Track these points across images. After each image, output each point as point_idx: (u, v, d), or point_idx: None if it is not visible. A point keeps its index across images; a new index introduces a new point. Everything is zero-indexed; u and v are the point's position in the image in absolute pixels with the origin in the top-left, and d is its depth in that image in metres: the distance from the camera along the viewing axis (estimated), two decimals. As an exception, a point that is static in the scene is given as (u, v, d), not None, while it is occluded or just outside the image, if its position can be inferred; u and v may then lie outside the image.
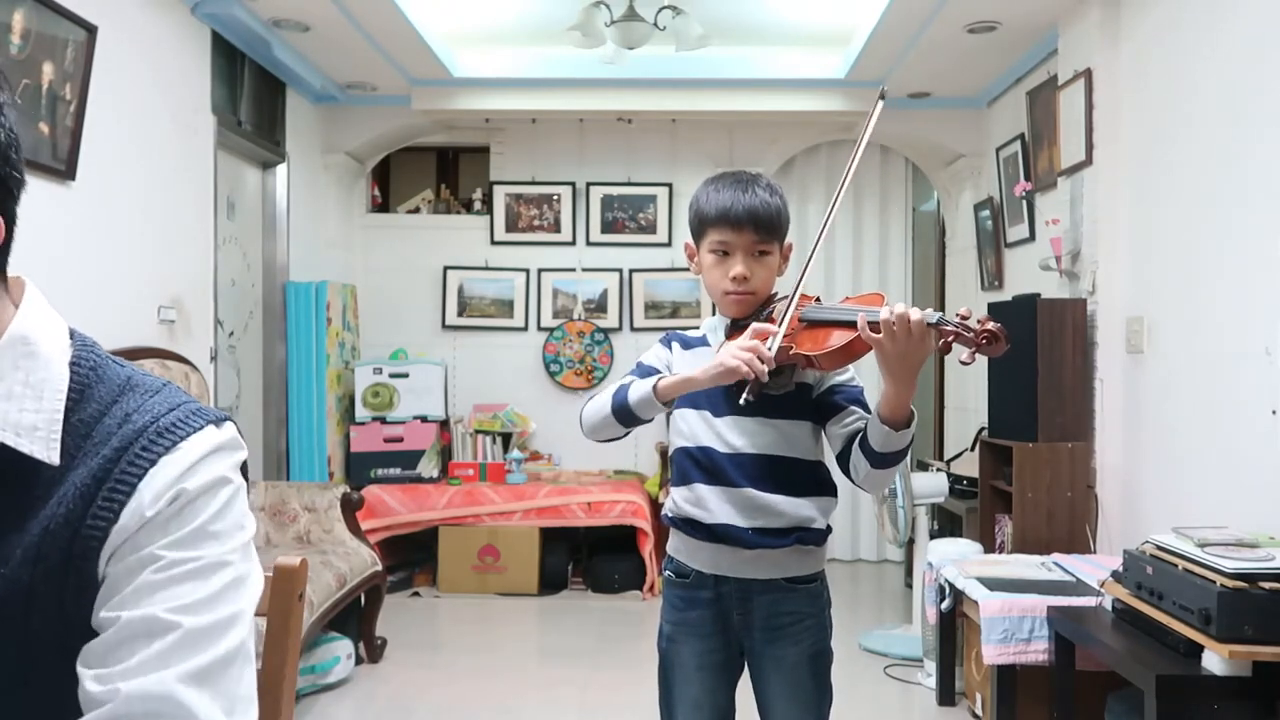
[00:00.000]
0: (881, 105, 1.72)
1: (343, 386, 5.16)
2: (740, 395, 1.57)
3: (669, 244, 5.75)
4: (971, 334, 1.45)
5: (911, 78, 4.81)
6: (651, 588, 4.97)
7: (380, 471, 5.11)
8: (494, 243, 5.82)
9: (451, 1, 4.43)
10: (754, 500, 1.69)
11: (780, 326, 1.60)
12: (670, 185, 5.75)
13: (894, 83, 4.88)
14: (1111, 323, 3.60)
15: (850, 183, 1.71)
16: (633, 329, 5.77)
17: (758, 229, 1.71)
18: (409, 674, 3.85)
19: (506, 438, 5.54)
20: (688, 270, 1.88)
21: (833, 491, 1.76)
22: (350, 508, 3.98)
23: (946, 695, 3.44)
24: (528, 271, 5.80)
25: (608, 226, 5.81)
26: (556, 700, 3.61)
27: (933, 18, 4.01)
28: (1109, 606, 2.72)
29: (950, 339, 1.46)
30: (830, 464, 1.74)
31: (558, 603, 4.94)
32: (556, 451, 5.70)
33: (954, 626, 3.39)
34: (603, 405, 1.71)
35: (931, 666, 3.57)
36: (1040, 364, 3.62)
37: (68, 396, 0.77)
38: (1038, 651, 2.85)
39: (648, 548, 4.95)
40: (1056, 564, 3.24)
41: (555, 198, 5.81)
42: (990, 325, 1.44)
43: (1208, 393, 3.04)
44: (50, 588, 0.73)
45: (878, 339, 1.48)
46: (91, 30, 3.09)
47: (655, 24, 4.09)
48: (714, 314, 1.86)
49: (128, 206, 3.43)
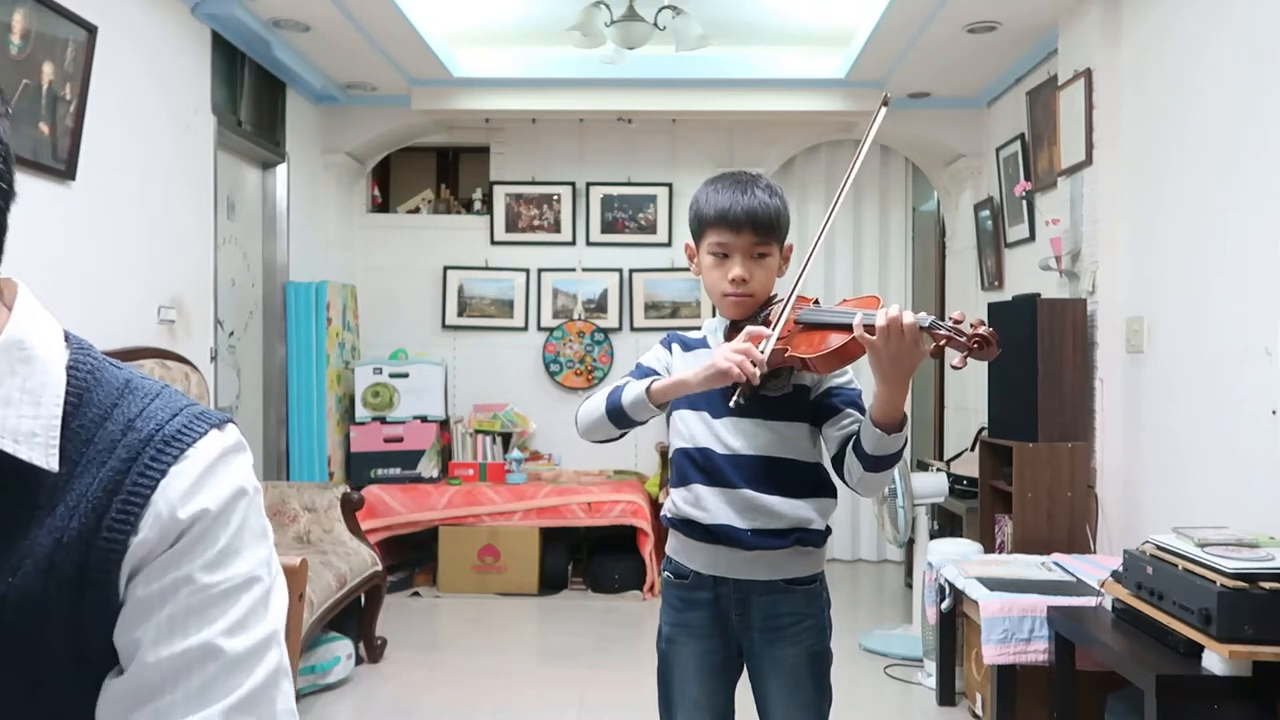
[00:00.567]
0: (885, 111, 1.72)
1: (343, 386, 5.16)
2: (730, 398, 1.57)
3: (669, 244, 5.75)
4: (964, 338, 1.44)
5: (911, 78, 4.81)
6: (651, 588, 4.97)
7: (380, 471, 5.11)
8: (494, 243, 5.82)
9: (451, 1, 4.43)
10: (753, 501, 1.69)
11: (774, 329, 1.60)
12: (670, 185, 5.75)
13: (894, 83, 4.88)
14: (1111, 323, 3.60)
15: (850, 185, 1.71)
16: (633, 329, 5.77)
17: (757, 231, 1.71)
18: (409, 674, 3.85)
19: (506, 438, 5.54)
20: (688, 270, 1.88)
21: (832, 493, 1.76)
22: (350, 508, 3.98)
23: (946, 695, 3.44)
24: (528, 271, 5.80)
25: (608, 226, 5.81)
26: (556, 700, 3.61)
27: (933, 18, 4.01)
28: (1109, 606, 2.72)
29: (943, 343, 1.46)
30: (830, 465, 1.74)
31: (558, 603, 4.94)
32: (556, 451, 5.70)
33: (954, 626, 3.39)
34: (597, 406, 1.71)
35: (931, 666, 3.57)
36: (1040, 364, 3.62)
37: (65, 401, 0.76)
38: (1038, 651, 2.85)
39: (648, 548, 4.95)
40: (1056, 564, 3.24)
41: (555, 198, 5.81)
42: (982, 330, 1.44)
43: (1208, 393, 3.04)
44: (64, 598, 0.72)
45: (871, 341, 1.48)
46: (91, 30, 3.09)
47: (655, 24, 4.09)
48: (714, 315, 1.87)
49: (128, 207, 3.44)
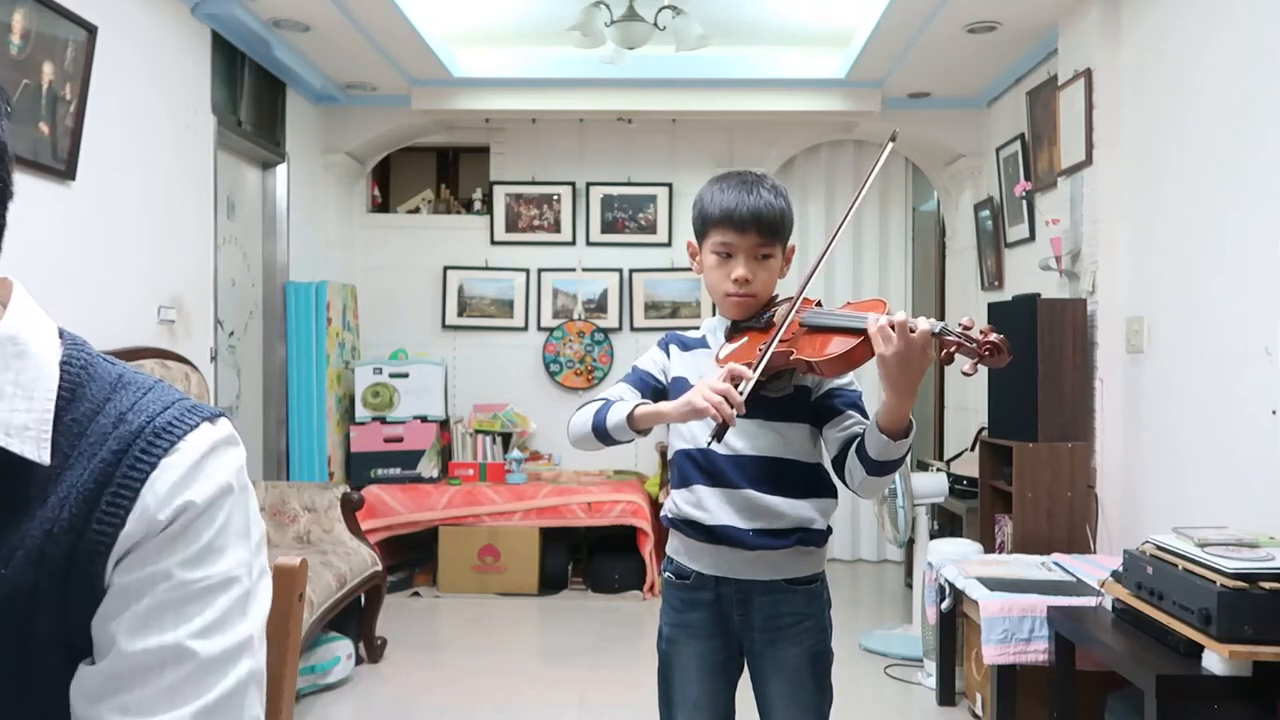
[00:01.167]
0: (891, 147, 1.74)
1: (343, 386, 5.16)
2: (709, 437, 1.55)
3: (669, 244, 5.75)
4: (974, 345, 1.43)
5: (911, 78, 4.81)
6: (652, 588, 4.97)
7: (380, 471, 5.11)
8: (494, 243, 5.82)
9: (451, 1, 4.43)
10: (754, 502, 1.69)
11: (757, 366, 1.57)
12: (670, 185, 5.75)
13: (894, 83, 4.88)
14: (1111, 323, 3.60)
15: (850, 191, 1.72)
16: (633, 329, 5.76)
17: (761, 231, 1.71)
18: (409, 674, 3.85)
19: (506, 438, 5.54)
20: (688, 270, 1.88)
21: (833, 493, 1.76)
22: (350, 508, 3.98)
23: (946, 695, 3.44)
24: (528, 271, 5.80)
25: (608, 226, 5.80)
26: (556, 700, 3.61)
27: (933, 18, 4.01)
28: (1109, 606, 2.72)
29: (953, 349, 1.45)
30: (830, 465, 1.74)
31: (558, 603, 4.94)
32: (556, 451, 5.70)
33: (954, 626, 3.39)
34: (585, 421, 1.72)
35: (931, 666, 3.57)
36: (1040, 364, 3.62)
37: (59, 396, 0.77)
38: (1038, 651, 2.85)
39: (648, 548, 4.95)
40: (1056, 564, 3.24)
41: (555, 198, 5.81)
42: (993, 336, 1.42)
43: (1208, 392, 3.04)
44: (54, 588, 0.73)
45: (880, 347, 1.47)
46: (91, 30, 3.09)
47: (655, 24, 4.09)
48: (714, 314, 1.86)
49: (128, 206, 3.43)
